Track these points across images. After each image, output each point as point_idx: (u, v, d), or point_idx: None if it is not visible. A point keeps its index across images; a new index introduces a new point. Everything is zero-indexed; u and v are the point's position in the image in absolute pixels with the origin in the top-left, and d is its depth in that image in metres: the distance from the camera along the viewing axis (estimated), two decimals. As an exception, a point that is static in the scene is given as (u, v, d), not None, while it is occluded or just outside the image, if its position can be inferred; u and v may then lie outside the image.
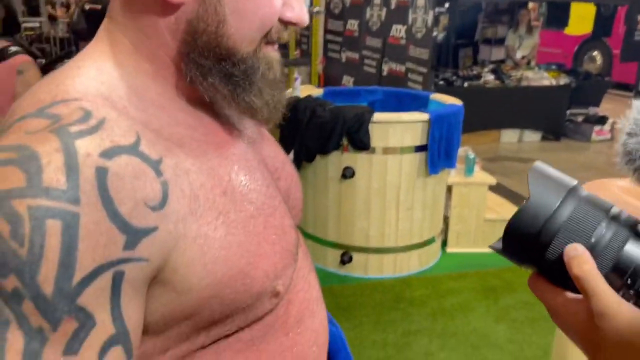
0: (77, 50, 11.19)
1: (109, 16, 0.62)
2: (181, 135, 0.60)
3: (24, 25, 11.50)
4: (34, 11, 12.96)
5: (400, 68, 6.25)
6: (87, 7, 8.55)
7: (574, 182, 0.50)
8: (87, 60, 0.60)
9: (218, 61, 0.59)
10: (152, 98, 0.59)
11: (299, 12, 0.61)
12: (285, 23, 0.61)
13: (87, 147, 0.49)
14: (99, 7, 8.48)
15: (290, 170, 0.78)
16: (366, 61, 7.11)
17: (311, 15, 7.19)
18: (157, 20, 0.58)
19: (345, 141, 3.15)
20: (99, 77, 0.57)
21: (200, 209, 0.57)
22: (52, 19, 12.62)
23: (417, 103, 3.76)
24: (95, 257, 0.47)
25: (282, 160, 0.78)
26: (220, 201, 0.59)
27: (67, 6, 13.13)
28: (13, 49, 2.66)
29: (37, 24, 12.20)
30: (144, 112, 0.58)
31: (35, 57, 8.20)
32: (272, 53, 0.63)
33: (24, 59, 2.68)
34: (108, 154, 0.50)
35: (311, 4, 7.32)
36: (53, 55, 10.22)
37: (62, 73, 0.58)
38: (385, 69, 6.61)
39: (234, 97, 0.60)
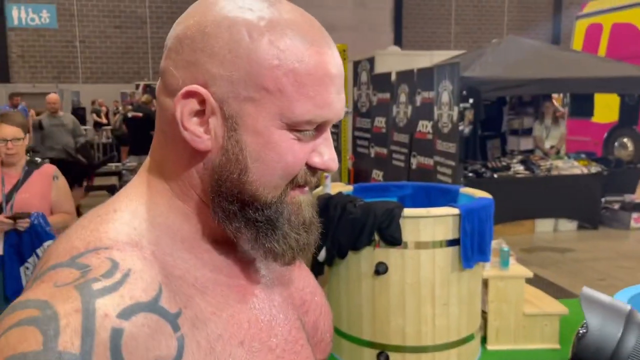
0: (119, 155, 11.67)
1: (150, 156, 0.65)
2: (206, 279, 0.61)
3: (70, 132, 12.25)
4: (80, 120, 13.81)
5: (428, 162, 6.36)
6: (130, 114, 9.13)
7: (628, 307, 0.51)
8: (123, 201, 0.62)
9: (242, 206, 0.60)
10: (183, 237, 0.61)
11: (327, 160, 0.62)
12: (312, 169, 0.62)
13: (106, 307, 0.51)
14: (140, 114, 9.05)
15: (320, 301, 0.78)
16: (395, 156, 7.27)
17: (340, 114, 7.47)
18: (188, 164, 0.61)
19: (376, 237, 3.17)
20: (132, 222, 0.60)
21: None
22: (98, 125, 13.42)
23: (446, 197, 3.80)
24: None
25: (312, 290, 0.77)
26: (237, 352, 0.60)
27: (107, 115, 14.00)
28: (38, 159, 2.91)
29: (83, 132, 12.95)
30: (171, 255, 0.60)
31: (79, 163, 8.62)
32: (301, 196, 0.63)
33: (53, 167, 2.93)
34: (126, 313, 0.52)
35: (339, 105, 7.64)
36: (97, 160, 10.77)
37: (99, 216, 0.61)
38: (414, 163, 6.74)
39: (257, 242, 0.61)
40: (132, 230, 0.59)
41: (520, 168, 6.57)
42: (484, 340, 3.61)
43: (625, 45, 10.55)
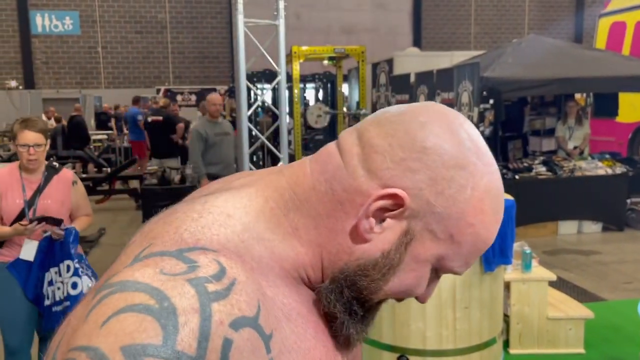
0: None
1: (293, 179, 0.65)
2: (291, 307, 0.62)
3: (93, 137, 12.47)
4: (103, 124, 14.02)
5: (448, 163, 6.30)
6: (149, 118, 9.22)
7: None
8: (240, 210, 0.62)
9: (353, 298, 0.63)
10: (280, 266, 0.62)
11: (426, 294, 0.67)
12: None
13: (221, 314, 0.51)
14: (160, 118, 9.14)
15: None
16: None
17: (358, 117, 7.46)
18: (335, 230, 0.62)
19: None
20: (242, 235, 0.60)
21: None
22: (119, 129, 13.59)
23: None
24: None
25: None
26: None
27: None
28: (56, 164, 2.93)
29: (105, 136, 13.17)
30: (267, 278, 0.60)
31: (101, 166, 8.68)
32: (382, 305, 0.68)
33: (72, 172, 2.98)
34: (236, 324, 0.52)
35: (358, 107, 7.62)
36: (118, 164, 10.91)
37: (211, 214, 0.61)
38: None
39: (344, 327, 0.64)
40: (241, 242, 0.59)
41: (542, 169, 6.47)
42: (506, 344, 3.55)
43: (650, 43, 10.33)
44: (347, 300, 0.63)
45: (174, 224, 0.59)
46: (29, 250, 2.69)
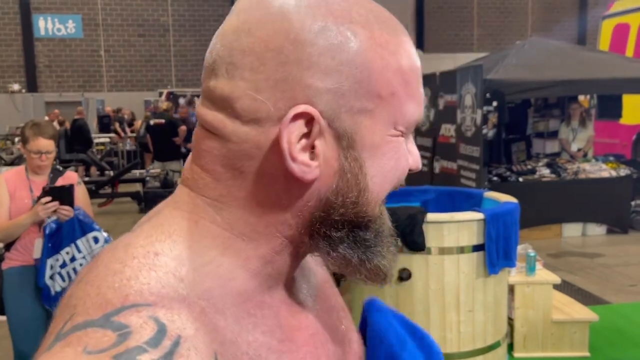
0: (142, 162, 11.74)
1: (194, 187, 0.54)
2: (258, 344, 0.52)
3: (95, 140, 12.49)
4: (105, 128, 14.04)
5: (452, 166, 6.28)
6: (152, 122, 9.24)
7: None
8: (166, 242, 0.51)
9: (351, 229, 0.53)
10: (236, 289, 0.52)
11: (416, 157, 0.56)
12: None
13: None
14: (162, 121, 9.15)
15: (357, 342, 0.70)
16: (417, 160, 7.19)
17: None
18: (275, 199, 0.52)
19: (399, 242, 3.12)
20: (178, 270, 0.49)
21: None
22: (119, 134, 13.62)
23: (470, 202, 3.73)
24: None
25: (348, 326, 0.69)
26: None
27: (130, 124, 14.21)
28: (59, 167, 3.02)
29: (108, 139, 13.18)
30: (223, 313, 0.50)
31: (104, 170, 8.66)
32: (383, 206, 0.57)
33: (76, 174, 3.06)
34: None
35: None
36: (121, 167, 10.92)
37: (135, 259, 0.49)
38: (437, 167, 6.66)
39: (365, 264, 0.54)
40: (179, 282, 0.48)
41: (546, 171, 6.44)
42: (510, 347, 3.53)
43: (654, 44, 10.31)
44: (343, 237, 0.53)
45: (95, 283, 0.48)
46: (41, 249, 2.72)
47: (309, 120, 0.49)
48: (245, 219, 0.52)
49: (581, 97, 7.88)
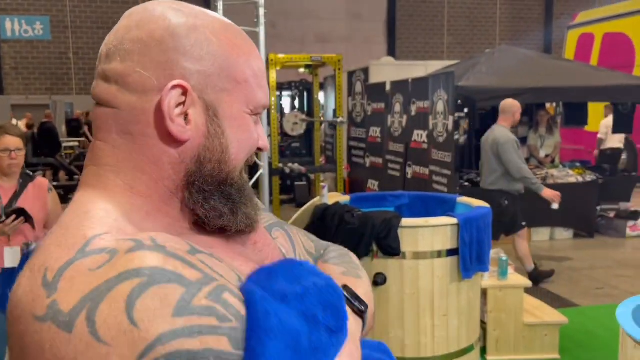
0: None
1: (96, 161, 0.67)
2: (202, 244, 0.66)
3: (64, 144, 12.21)
4: (74, 131, 13.74)
5: (424, 171, 6.35)
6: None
7: None
8: (88, 205, 0.63)
9: (219, 185, 0.67)
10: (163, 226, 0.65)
11: (264, 140, 0.73)
12: (257, 150, 0.74)
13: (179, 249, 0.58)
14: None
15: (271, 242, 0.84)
16: (390, 165, 7.26)
17: (335, 125, 7.47)
18: (159, 156, 0.65)
19: (375, 247, 3.14)
20: (109, 217, 0.61)
21: None
22: (89, 138, 13.33)
23: (444, 207, 3.77)
24: None
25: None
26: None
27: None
28: (30, 172, 2.99)
29: (77, 143, 12.90)
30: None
31: (74, 174, 8.44)
32: (244, 173, 0.74)
33: (46, 180, 3.04)
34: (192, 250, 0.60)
35: (335, 115, 7.64)
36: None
37: (70, 223, 0.60)
38: (410, 172, 6.72)
39: (235, 213, 0.69)
40: (114, 221, 0.60)
41: (515, 177, 6.55)
42: (483, 350, 3.58)
43: (617, 54, 10.66)
44: (213, 191, 0.67)
45: (46, 250, 0.58)
46: (11, 257, 2.65)
47: (184, 92, 0.64)
48: (139, 177, 0.65)
49: (547, 105, 8.06)
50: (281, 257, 0.79)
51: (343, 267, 0.82)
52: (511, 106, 4.92)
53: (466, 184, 6.30)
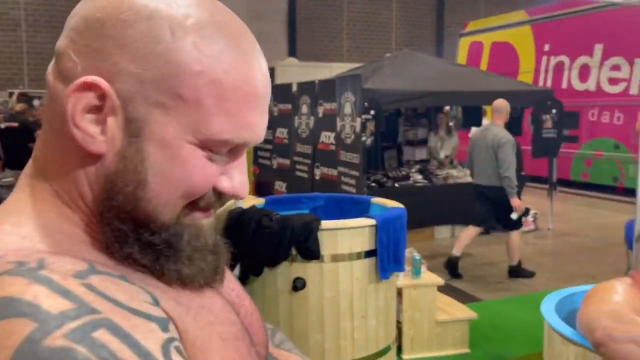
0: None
1: (33, 157, 0.56)
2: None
3: None
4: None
5: (332, 172, 6.37)
6: (3, 125, 8.26)
7: None
8: (2, 215, 0.52)
9: (135, 227, 0.52)
10: (85, 242, 0.52)
11: (238, 185, 0.55)
12: (219, 192, 0.55)
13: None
14: (15, 124, 8.22)
15: (249, 305, 0.69)
16: (298, 167, 7.21)
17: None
18: (77, 167, 0.52)
19: (294, 251, 3.05)
20: (17, 231, 0.50)
21: None
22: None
23: (358, 208, 3.77)
24: None
25: (239, 294, 0.68)
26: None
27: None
28: None
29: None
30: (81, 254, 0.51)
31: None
32: (203, 220, 0.56)
33: None
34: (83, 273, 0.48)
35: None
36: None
37: None
38: (318, 173, 6.72)
39: (159, 268, 0.53)
40: (21, 239, 0.49)
41: (419, 177, 6.79)
42: (399, 350, 3.61)
43: (503, 62, 11.44)
44: (128, 233, 0.51)
45: None
46: None
47: (102, 94, 0.49)
48: (61, 184, 0.53)
49: (446, 108, 8.44)
50: (248, 300, 0.68)
51: (300, 357, 0.73)
52: (506, 105, 5.31)
53: (373, 184, 6.40)
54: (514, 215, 5.04)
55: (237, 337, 0.57)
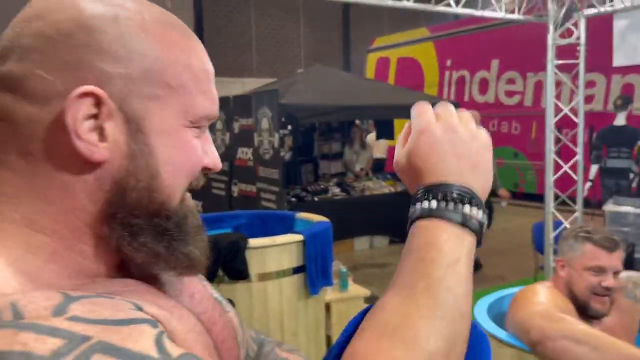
0: None
1: None
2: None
3: None
4: None
5: (251, 189, 6.30)
6: None
7: None
8: None
9: (150, 217, 0.54)
10: (48, 282, 0.50)
11: (214, 158, 0.60)
12: (203, 170, 0.59)
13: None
14: None
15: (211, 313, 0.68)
16: (214, 184, 7.06)
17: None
18: (68, 182, 0.51)
19: (221, 272, 2.96)
20: None
21: None
22: None
23: (283, 224, 3.74)
24: None
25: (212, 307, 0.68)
26: None
27: None
28: None
29: None
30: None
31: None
32: (190, 200, 0.60)
33: None
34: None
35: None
36: None
37: None
38: (235, 190, 6.61)
39: (172, 253, 0.55)
40: None
41: (337, 190, 6.88)
42: (330, 364, 3.60)
43: (409, 76, 11.93)
44: (142, 225, 0.53)
45: None
46: None
47: (98, 102, 0.50)
48: (44, 209, 0.51)
49: (357, 120, 8.65)
50: (220, 312, 0.67)
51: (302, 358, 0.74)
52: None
53: (293, 199, 6.40)
54: (503, 204, 5.66)
55: (209, 346, 0.57)
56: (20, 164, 0.52)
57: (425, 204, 0.59)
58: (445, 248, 0.56)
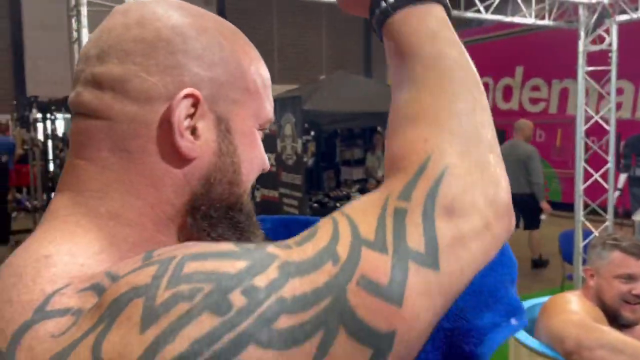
0: None
1: (75, 186, 0.56)
2: None
3: None
4: None
5: (273, 194, 6.32)
6: None
7: None
8: (50, 246, 0.51)
9: (227, 210, 0.59)
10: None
11: (267, 160, 0.65)
12: None
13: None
14: None
15: None
16: (237, 190, 7.11)
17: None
18: (160, 177, 0.55)
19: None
20: (75, 260, 0.50)
21: None
22: None
23: (307, 229, 3.74)
24: None
25: None
26: None
27: None
28: None
29: None
30: None
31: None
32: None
33: None
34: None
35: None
36: None
37: (25, 271, 0.48)
38: (258, 195, 6.65)
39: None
40: (80, 267, 0.49)
41: (358, 196, 6.85)
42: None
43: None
44: (221, 217, 0.58)
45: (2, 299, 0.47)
46: None
47: (195, 103, 0.55)
48: (132, 203, 0.54)
49: (380, 128, 8.62)
50: None
51: None
52: (524, 124, 6.04)
53: (315, 205, 6.41)
54: (543, 216, 5.70)
55: None
56: (111, 160, 0.55)
57: (382, 4, 0.57)
58: (423, 29, 0.56)
